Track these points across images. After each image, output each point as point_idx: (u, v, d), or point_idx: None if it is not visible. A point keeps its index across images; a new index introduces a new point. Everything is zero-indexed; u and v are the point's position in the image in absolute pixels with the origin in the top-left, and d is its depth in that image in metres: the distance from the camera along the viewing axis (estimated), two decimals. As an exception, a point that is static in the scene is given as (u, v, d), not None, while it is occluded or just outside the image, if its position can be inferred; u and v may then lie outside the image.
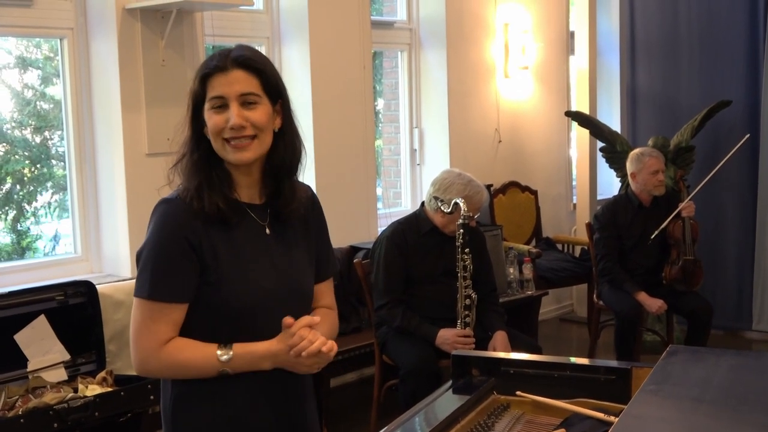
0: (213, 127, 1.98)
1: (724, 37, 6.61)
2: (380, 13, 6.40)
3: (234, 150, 1.98)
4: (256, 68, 2.00)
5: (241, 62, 1.98)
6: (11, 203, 4.69)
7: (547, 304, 6.82)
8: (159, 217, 2.00)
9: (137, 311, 2.00)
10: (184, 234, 1.97)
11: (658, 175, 5.35)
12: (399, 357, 4.25)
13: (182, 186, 2.02)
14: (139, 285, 1.99)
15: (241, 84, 1.97)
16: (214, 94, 1.98)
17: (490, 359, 2.37)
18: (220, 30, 4.95)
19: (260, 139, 1.99)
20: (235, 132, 1.96)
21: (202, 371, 1.99)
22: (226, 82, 1.97)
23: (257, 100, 1.99)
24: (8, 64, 4.70)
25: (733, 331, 6.60)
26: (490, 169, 6.61)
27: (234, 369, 1.98)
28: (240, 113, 1.96)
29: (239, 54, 1.99)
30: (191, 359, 1.98)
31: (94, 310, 3.94)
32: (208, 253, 1.98)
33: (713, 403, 1.80)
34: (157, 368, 2.01)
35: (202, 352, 1.98)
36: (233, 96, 1.97)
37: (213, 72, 1.98)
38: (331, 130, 5.45)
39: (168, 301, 1.97)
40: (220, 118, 1.97)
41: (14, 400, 3.54)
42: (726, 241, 6.65)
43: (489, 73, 6.62)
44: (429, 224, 4.30)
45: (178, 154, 2.04)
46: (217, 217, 1.98)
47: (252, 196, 2.07)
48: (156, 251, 1.98)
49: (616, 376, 2.17)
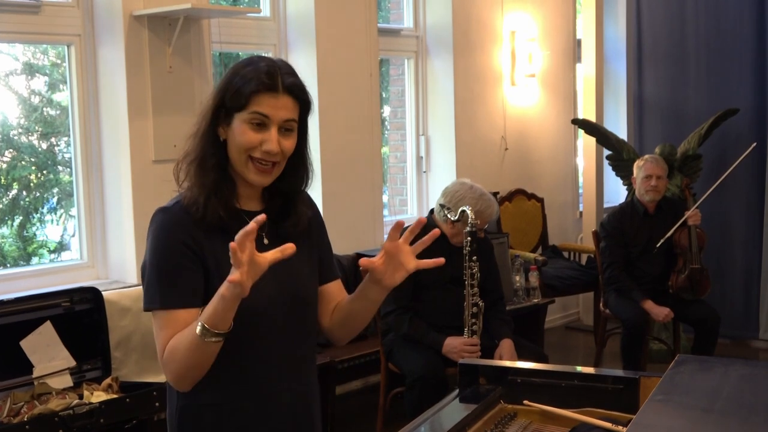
0: (245, 143, 1.94)
1: (731, 45, 6.61)
2: (387, 21, 6.40)
3: (257, 172, 1.95)
4: (303, 99, 1.98)
5: (293, 90, 1.95)
6: (18, 209, 4.70)
7: (553, 312, 6.81)
8: (157, 227, 1.97)
9: (156, 325, 1.94)
10: (183, 240, 1.95)
11: (651, 180, 5.35)
12: (405, 365, 4.24)
13: (187, 189, 1.98)
14: (149, 298, 1.95)
15: (287, 111, 1.94)
16: (260, 110, 1.93)
17: (498, 368, 2.36)
18: (227, 37, 4.96)
19: (279, 165, 1.98)
20: (267, 156, 1.94)
21: (196, 353, 1.87)
22: (274, 105, 1.93)
23: (294, 127, 1.97)
24: (15, 70, 4.70)
25: (740, 339, 6.57)
26: (497, 176, 6.60)
27: (208, 319, 1.82)
28: (278, 140, 1.93)
29: (292, 82, 1.95)
30: (184, 344, 1.88)
31: (100, 317, 3.94)
32: (209, 260, 1.96)
33: (723, 413, 1.78)
34: (167, 369, 1.93)
35: (187, 334, 1.87)
36: (277, 120, 1.93)
37: (262, 90, 1.93)
38: (338, 137, 5.45)
39: (182, 307, 1.93)
40: (255, 136, 1.93)
41: (20, 406, 3.53)
42: (733, 250, 6.63)
43: (496, 81, 6.62)
44: (437, 232, 4.28)
45: (189, 148, 1.99)
46: (217, 225, 1.97)
47: (252, 205, 2.06)
48: (159, 261, 1.95)
49: (623, 386, 2.15)
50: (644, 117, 7.17)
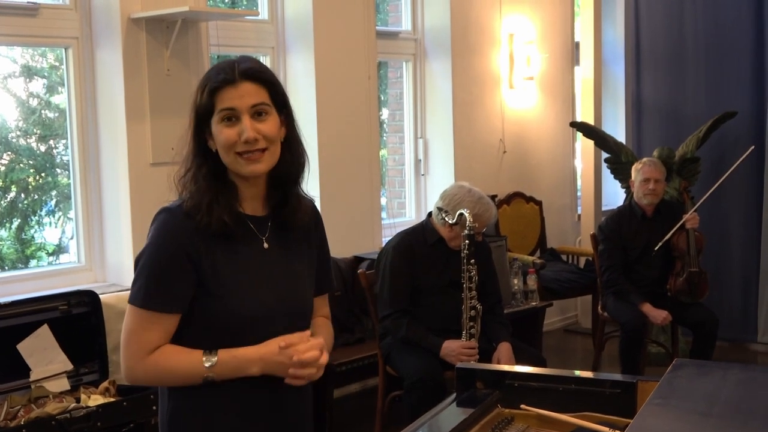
0: (225, 141, 1.96)
1: (729, 47, 6.60)
2: (385, 24, 6.40)
3: (247, 163, 1.96)
4: (265, 80, 1.99)
5: (250, 75, 1.97)
6: (16, 211, 4.69)
7: (552, 315, 6.80)
8: (158, 226, 1.99)
9: (129, 318, 1.99)
10: (182, 245, 1.96)
11: (649, 183, 5.34)
12: (403, 368, 4.23)
13: (189, 198, 1.99)
14: (134, 292, 1.98)
15: (252, 96, 1.96)
16: (225, 105, 1.95)
17: (495, 372, 2.36)
18: (225, 40, 4.96)
19: (271, 151, 1.99)
20: (249, 145, 1.95)
21: (187, 378, 1.97)
22: (236, 95, 1.95)
23: (267, 110, 1.98)
24: (13, 72, 4.70)
25: (738, 342, 6.56)
26: (495, 179, 6.60)
27: (219, 375, 1.96)
28: (253, 126, 1.94)
29: (248, 66, 1.98)
30: (176, 366, 1.97)
31: (98, 320, 3.93)
32: (206, 265, 1.97)
33: (721, 417, 1.78)
34: (143, 376, 2.00)
35: (187, 358, 1.96)
36: (245, 108, 1.95)
37: (222, 85, 1.96)
38: (336, 139, 5.45)
39: (161, 311, 1.96)
40: (231, 132, 1.95)
41: (17, 410, 3.52)
42: (731, 253, 6.62)
43: (494, 84, 6.62)
44: (436, 235, 4.29)
45: (183, 167, 2.02)
46: (220, 230, 1.97)
47: (255, 208, 2.06)
48: (152, 261, 1.97)
49: (621, 390, 2.15)
50: (643, 120, 7.17)
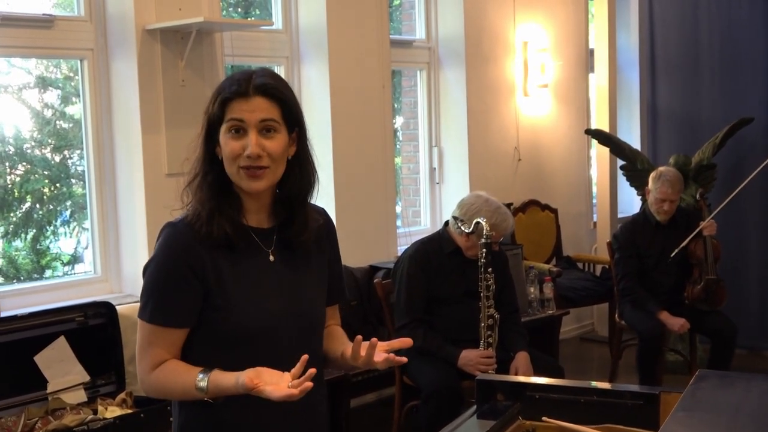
0: (229, 153, 1.95)
1: (744, 53, 6.57)
2: (399, 32, 6.39)
3: (248, 178, 1.95)
4: (277, 97, 1.97)
5: (264, 90, 1.95)
6: (31, 222, 4.70)
7: (568, 324, 6.77)
8: (163, 242, 2.00)
9: (139, 332, 2.02)
10: (186, 260, 1.96)
11: (664, 204, 5.30)
12: (420, 378, 4.21)
13: (192, 208, 2.00)
14: (141, 306, 2.01)
15: (262, 111, 1.95)
16: (234, 116, 1.94)
17: (516, 384, 2.35)
18: (239, 50, 4.96)
19: (272, 169, 1.97)
20: (252, 161, 1.93)
21: (186, 396, 1.99)
22: (247, 108, 1.94)
23: (276, 127, 1.96)
24: (28, 83, 4.71)
25: (757, 350, 6.52)
26: (510, 187, 6.58)
27: (212, 397, 1.96)
28: (258, 142, 1.93)
29: (262, 82, 1.96)
30: (174, 385, 1.98)
31: (114, 331, 3.93)
32: (211, 278, 1.97)
33: (746, 429, 1.76)
34: (149, 389, 2.03)
35: (184, 379, 1.96)
36: (253, 122, 1.94)
37: (234, 97, 1.95)
38: (351, 148, 5.44)
39: (166, 325, 1.98)
40: (237, 144, 1.94)
41: (34, 422, 3.52)
42: (749, 260, 6.58)
43: (508, 92, 6.61)
44: (452, 244, 4.27)
45: (190, 173, 2.02)
46: (223, 241, 1.97)
47: (260, 221, 2.05)
48: (157, 276, 1.99)
49: (643, 401, 2.13)
50: (658, 126, 7.14)
